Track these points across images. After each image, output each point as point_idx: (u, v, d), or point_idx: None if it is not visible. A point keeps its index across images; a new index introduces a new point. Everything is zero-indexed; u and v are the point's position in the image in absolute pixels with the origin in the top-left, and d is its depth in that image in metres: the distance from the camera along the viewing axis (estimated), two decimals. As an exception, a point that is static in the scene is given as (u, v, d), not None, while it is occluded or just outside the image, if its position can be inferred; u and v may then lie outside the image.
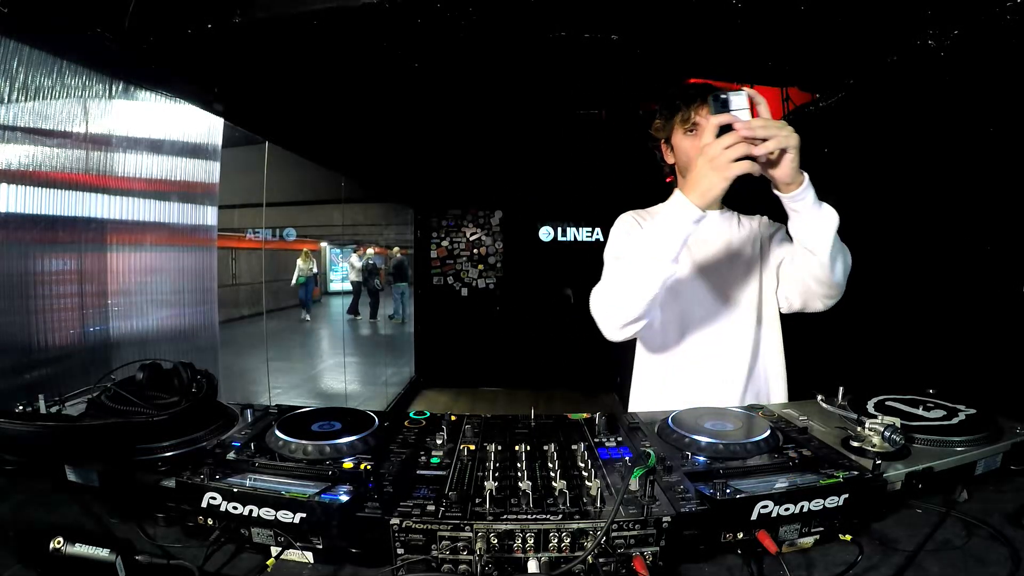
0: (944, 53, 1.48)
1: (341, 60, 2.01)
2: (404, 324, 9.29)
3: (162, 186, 2.17)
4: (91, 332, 1.84)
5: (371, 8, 1.51)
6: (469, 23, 1.61)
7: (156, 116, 2.10)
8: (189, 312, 2.33)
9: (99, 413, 0.97)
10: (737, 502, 0.79)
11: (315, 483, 0.82)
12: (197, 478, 0.83)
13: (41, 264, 1.64)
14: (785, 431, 1.05)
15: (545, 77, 2.57)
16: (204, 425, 1.01)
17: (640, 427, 1.10)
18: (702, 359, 1.38)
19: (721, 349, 1.38)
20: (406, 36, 1.75)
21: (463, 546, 0.74)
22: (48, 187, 1.65)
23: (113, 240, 1.94)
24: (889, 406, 1.14)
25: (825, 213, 1.09)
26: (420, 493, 0.82)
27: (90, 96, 1.78)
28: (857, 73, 1.91)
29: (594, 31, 1.72)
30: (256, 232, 6.81)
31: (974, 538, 0.83)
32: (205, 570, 0.76)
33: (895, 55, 1.63)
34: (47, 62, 1.60)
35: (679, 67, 2.23)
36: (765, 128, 0.95)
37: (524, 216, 6.56)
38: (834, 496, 0.82)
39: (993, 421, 1.05)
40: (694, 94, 1.29)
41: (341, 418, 1.05)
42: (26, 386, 1.56)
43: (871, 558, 0.79)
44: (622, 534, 0.74)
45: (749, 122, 0.96)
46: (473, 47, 1.90)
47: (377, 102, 2.87)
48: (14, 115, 1.53)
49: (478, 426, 1.10)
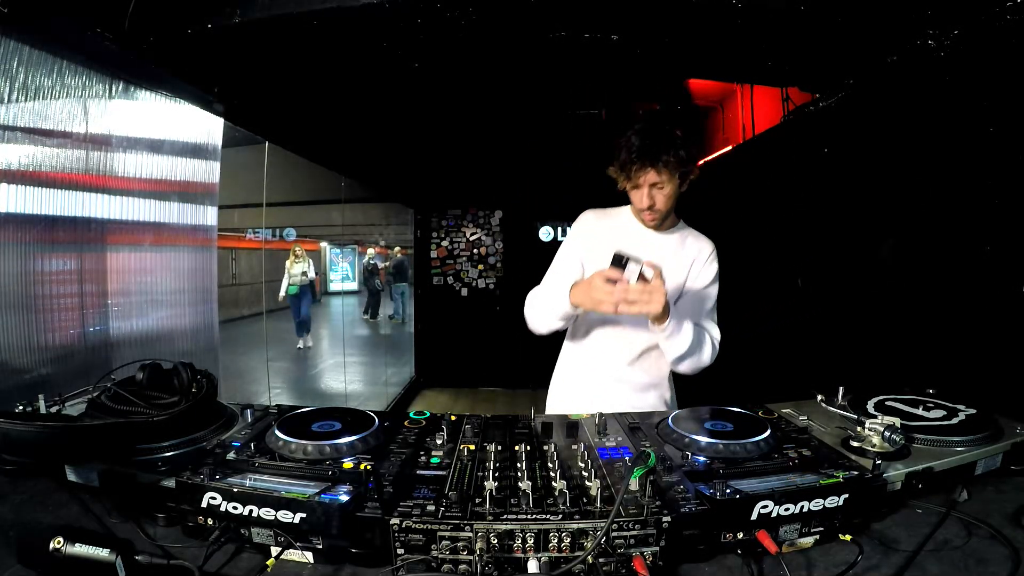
0: (944, 53, 1.48)
1: (341, 60, 2.01)
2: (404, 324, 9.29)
3: (162, 186, 2.17)
4: (91, 332, 1.84)
5: (371, 8, 1.51)
6: (469, 23, 1.61)
7: (156, 116, 2.10)
8: (189, 312, 2.33)
9: (99, 413, 0.97)
10: (737, 502, 0.79)
11: (315, 483, 0.82)
12: (197, 478, 0.83)
13: (41, 264, 1.64)
14: (785, 431, 1.05)
15: (545, 77, 2.57)
16: (204, 425, 1.02)
17: (640, 427, 1.10)
18: (601, 354, 1.54)
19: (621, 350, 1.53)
20: (406, 36, 1.75)
21: (463, 546, 0.74)
22: (48, 187, 1.65)
23: (113, 240, 1.94)
24: (889, 406, 1.14)
25: (673, 342, 1.34)
26: (420, 493, 0.82)
27: (90, 96, 1.78)
28: (857, 73, 1.91)
29: (594, 31, 1.72)
30: (256, 232, 6.80)
31: (974, 538, 0.83)
32: (205, 570, 0.76)
33: (895, 55, 1.64)
34: (47, 62, 1.60)
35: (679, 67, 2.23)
36: (637, 296, 1.21)
37: (524, 216, 6.55)
38: (834, 496, 0.82)
39: (993, 421, 1.05)
40: (637, 159, 1.36)
41: (341, 418, 1.05)
42: (26, 386, 1.56)
43: (871, 558, 0.79)
44: (622, 534, 0.74)
45: (626, 288, 1.21)
46: (473, 47, 1.90)
47: (377, 102, 2.87)
48: (14, 115, 1.53)
49: (478, 426, 1.10)
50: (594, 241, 1.52)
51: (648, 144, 1.35)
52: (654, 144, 1.35)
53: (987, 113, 1.63)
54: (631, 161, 1.37)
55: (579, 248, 1.55)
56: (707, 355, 1.44)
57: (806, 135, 2.63)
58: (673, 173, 1.38)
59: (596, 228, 1.56)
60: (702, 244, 1.56)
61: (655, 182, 1.38)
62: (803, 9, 1.46)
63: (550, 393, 1.68)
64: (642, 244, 1.49)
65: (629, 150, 1.37)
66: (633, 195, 1.45)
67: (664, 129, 1.38)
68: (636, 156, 1.35)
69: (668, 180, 1.38)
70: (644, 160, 1.35)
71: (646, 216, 1.46)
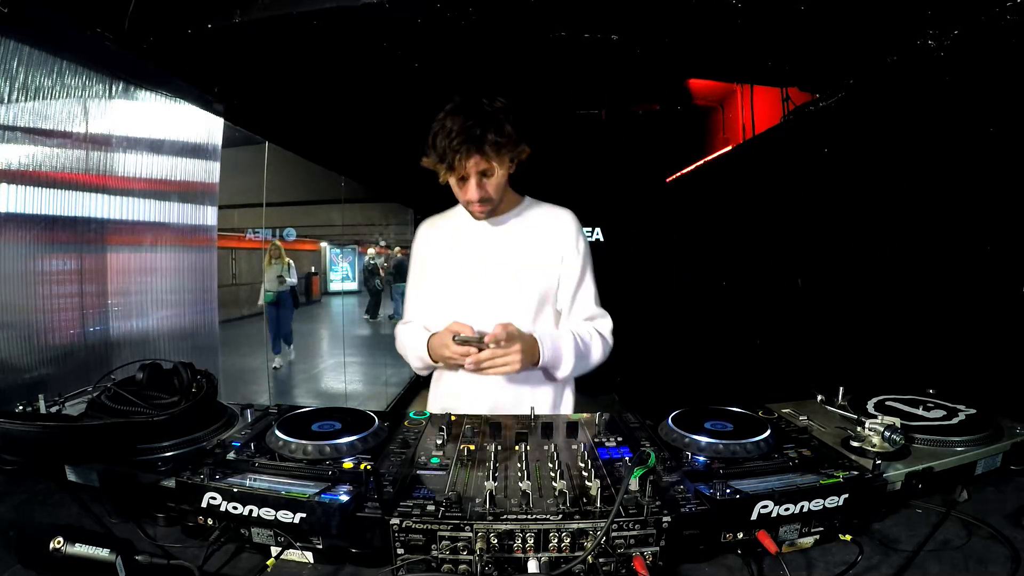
0: (944, 53, 1.48)
1: (341, 60, 2.01)
2: (404, 324, 9.24)
3: (162, 186, 2.17)
4: (91, 332, 1.84)
5: (371, 8, 1.51)
6: (469, 23, 1.61)
7: (156, 116, 2.10)
8: (189, 312, 2.33)
9: (99, 413, 0.97)
10: (737, 502, 0.79)
11: (315, 483, 0.82)
12: (197, 478, 0.83)
13: (41, 264, 1.64)
14: (785, 431, 1.05)
15: (545, 77, 2.57)
16: (204, 425, 1.01)
17: (640, 427, 1.10)
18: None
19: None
20: (406, 36, 1.75)
21: (463, 546, 0.74)
22: (48, 187, 1.65)
23: (113, 240, 1.94)
24: (889, 406, 1.14)
25: (557, 372, 1.32)
26: (420, 493, 0.82)
27: (90, 96, 1.78)
28: (857, 73, 1.91)
29: (594, 31, 1.72)
30: (256, 232, 6.80)
31: (974, 538, 0.83)
32: (205, 570, 0.76)
33: (895, 55, 1.64)
34: (47, 62, 1.60)
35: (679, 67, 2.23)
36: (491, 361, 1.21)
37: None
38: (834, 496, 0.82)
39: (993, 421, 1.05)
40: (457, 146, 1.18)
41: (341, 418, 1.05)
42: (26, 386, 1.56)
43: (871, 558, 0.79)
44: (622, 534, 0.74)
45: (479, 356, 1.21)
46: (473, 47, 1.90)
47: (377, 102, 2.87)
48: (14, 115, 1.53)
49: (478, 426, 1.10)
50: (435, 252, 1.42)
51: (469, 125, 1.16)
52: (476, 123, 1.16)
53: (987, 113, 1.63)
54: (451, 148, 1.17)
55: (423, 266, 1.45)
56: (598, 356, 1.35)
57: (806, 135, 2.63)
58: (504, 156, 1.22)
59: (433, 238, 1.45)
60: (560, 216, 1.40)
61: (484, 169, 1.22)
62: (803, 9, 1.46)
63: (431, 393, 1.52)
64: (485, 241, 1.37)
65: (448, 135, 1.17)
66: (458, 188, 1.27)
67: (482, 104, 1.19)
68: (457, 141, 1.16)
69: (499, 165, 1.22)
70: (467, 145, 1.17)
71: (475, 209, 1.29)
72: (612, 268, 5.13)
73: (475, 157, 1.19)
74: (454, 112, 1.20)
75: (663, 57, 2.05)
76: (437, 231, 1.47)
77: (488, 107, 1.20)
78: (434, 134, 1.22)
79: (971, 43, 1.41)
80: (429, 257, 1.45)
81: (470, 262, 1.39)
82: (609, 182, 5.16)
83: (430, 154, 1.24)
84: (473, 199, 1.26)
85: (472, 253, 1.39)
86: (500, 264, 1.37)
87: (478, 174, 1.23)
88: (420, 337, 1.37)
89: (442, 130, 1.19)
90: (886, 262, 2.25)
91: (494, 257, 1.38)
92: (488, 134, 1.17)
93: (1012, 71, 1.47)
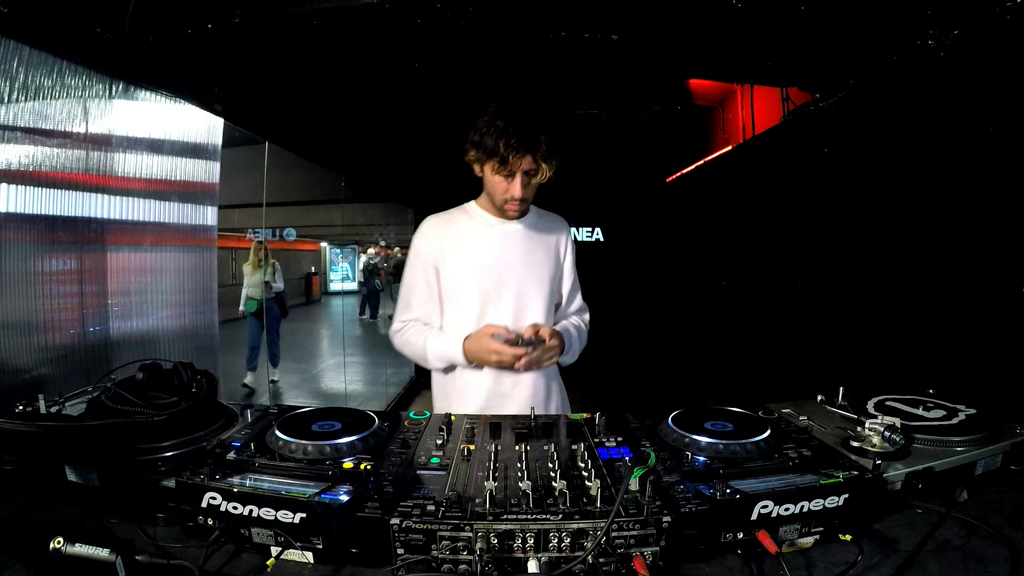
0: (944, 53, 1.48)
1: (341, 60, 2.01)
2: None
3: (162, 186, 2.17)
4: (91, 332, 1.84)
5: (371, 8, 1.51)
6: (469, 23, 1.61)
7: (156, 116, 2.10)
8: (189, 312, 2.33)
9: (99, 413, 0.97)
10: (737, 502, 0.79)
11: (315, 483, 0.82)
12: (197, 478, 0.83)
13: (41, 264, 1.64)
14: (785, 431, 1.05)
15: (545, 77, 2.57)
16: (204, 425, 1.01)
17: (640, 427, 1.10)
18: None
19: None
20: (406, 36, 1.75)
21: (463, 546, 0.74)
22: (48, 187, 1.65)
23: (113, 240, 1.94)
24: (889, 406, 1.14)
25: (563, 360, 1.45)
26: (420, 493, 0.82)
27: (90, 96, 1.78)
28: (857, 73, 1.91)
29: (594, 31, 1.72)
30: (256, 232, 6.80)
31: (974, 538, 0.83)
32: (205, 570, 0.76)
33: (895, 55, 1.64)
34: (47, 62, 1.60)
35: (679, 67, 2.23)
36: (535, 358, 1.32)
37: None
38: (834, 496, 0.82)
39: (993, 421, 1.05)
40: (516, 145, 1.25)
41: (341, 418, 1.05)
42: (26, 386, 1.56)
43: (871, 558, 0.79)
44: (622, 534, 0.74)
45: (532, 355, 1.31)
46: (473, 47, 1.90)
47: (377, 102, 2.87)
48: (14, 115, 1.53)
49: (478, 426, 1.10)
50: (446, 247, 1.43)
51: (526, 127, 1.26)
52: (533, 126, 1.26)
53: (987, 113, 1.63)
54: (509, 147, 1.25)
55: (430, 260, 1.44)
56: (580, 347, 1.50)
57: (806, 135, 2.63)
58: (551, 161, 1.30)
59: (444, 233, 1.45)
60: (557, 219, 1.54)
61: (530, 169, 1.30)
62: (803, 9, 1.46)
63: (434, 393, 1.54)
64: (505, 242, 1.43)
65: (504, 134, 1.25)
66: (500, 183, 1.33)
67: (529, 109, 1.29)
68: (516, 140, 1.25)
69: (547, 168, 1.31)
70: (525, 145, 1.25)
71: (511, 207, 1.36)
72: (612, 268, 5.13)
73: (528, 157, 1.27)
74: (503, 115, 1.28)
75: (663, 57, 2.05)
76: (445, 231, 1.46)
77: (535, 112, 1.30)
78: (481, 133, 1.30)
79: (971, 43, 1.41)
80: (440, 257, 1.44)
81: (495, 263, 1.42)
82: (609, 182, 5.16)
83: (473, 150, 1.33)
84: (518, 196, 1.33)
85: (494, 254, 1.42)
86: (523, 265, 1.44)
87: (525, 174, 1.31)
88: (442, 338, 1.40)
89: (493, 129, 1.27)
90: (886, 262, 2.25)
91: (517, 258, 1.43)
92: (542, 136, 1.27)
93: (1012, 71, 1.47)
